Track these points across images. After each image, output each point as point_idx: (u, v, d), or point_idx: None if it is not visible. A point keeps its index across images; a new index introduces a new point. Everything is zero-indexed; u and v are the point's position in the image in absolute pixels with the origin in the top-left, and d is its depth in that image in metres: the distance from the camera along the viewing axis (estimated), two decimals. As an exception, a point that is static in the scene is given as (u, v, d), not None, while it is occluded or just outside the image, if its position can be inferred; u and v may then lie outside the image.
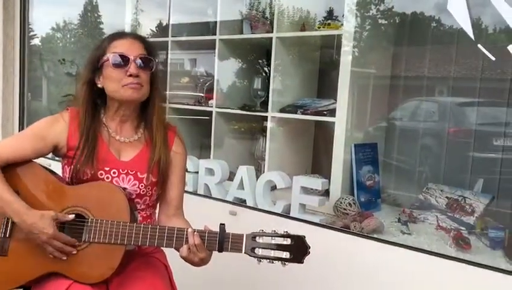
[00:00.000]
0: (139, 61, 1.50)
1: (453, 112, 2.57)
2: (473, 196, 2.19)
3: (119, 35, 1.57)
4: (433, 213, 2.18)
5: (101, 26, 3.97)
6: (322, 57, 2.75)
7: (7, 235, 1.44)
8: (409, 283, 1.80)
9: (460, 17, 2.18)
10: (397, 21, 2.49)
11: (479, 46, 2.22)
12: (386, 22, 2.49)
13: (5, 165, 1.46)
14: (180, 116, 3.08)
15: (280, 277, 1.97)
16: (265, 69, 2.87)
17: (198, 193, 2.52)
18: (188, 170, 2.58)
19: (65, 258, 1.40)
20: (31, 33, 4.16)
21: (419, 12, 2.46)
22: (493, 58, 2.25)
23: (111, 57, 1.49)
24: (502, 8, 1.99)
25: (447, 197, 2.25)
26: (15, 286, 1.43)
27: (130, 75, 1.47)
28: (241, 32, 2.72)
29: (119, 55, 1.49)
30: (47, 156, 1.57)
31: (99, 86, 1.54)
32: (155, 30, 3.24)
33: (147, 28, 3.19)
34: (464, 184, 2.27)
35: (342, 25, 2.28)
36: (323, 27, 2.38)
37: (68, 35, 4.32)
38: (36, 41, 4.22)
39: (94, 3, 3.82)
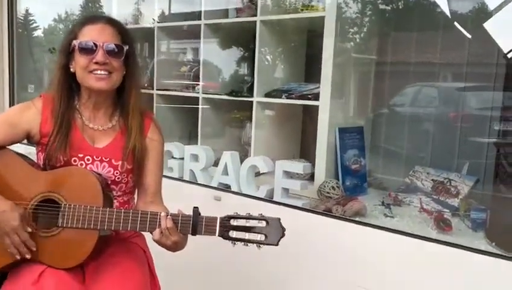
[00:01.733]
0: (109, 47, 1.46)
1: (443, 97, 2.55)
2: (458, 178, 2.18)
3: (91, 19, 1.53)
4: (418, 196, 2.17)
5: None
6: (309, 40, 2.73)
7: (-19, 222, 1.43)
8: (390, 265, 1.80)
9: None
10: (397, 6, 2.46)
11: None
12: (385, 7, 2.46)
13: (-23, 151, 1.45)
14: (172, 104, 3.08)
15: (261, 261, 1.98)
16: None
17: (184, 179, 2.51)
18: (174, 156, 2.58)
19: (18, 257, 1.39)
20: (34, 25, 4.18)
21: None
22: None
23: (78, 43, 1.47)
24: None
25: (432, 179, 2.25)
26: (-10, 271, 1.43)
27: (96, 63, 1.45)
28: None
29: (87, 42, 1.46)
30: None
31: (72, 70, 1.51)
32: (157, 20, 3.21)
33: (149, 18, 3.15)
34: (451, 168, 2.26)
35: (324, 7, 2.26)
36: (306, 9, 2.35)
37: (70, 26, 4.30)
38: (39, 33, 4.22)
39: None
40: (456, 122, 2.39)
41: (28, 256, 1.39)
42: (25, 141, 1.57)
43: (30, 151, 1.60)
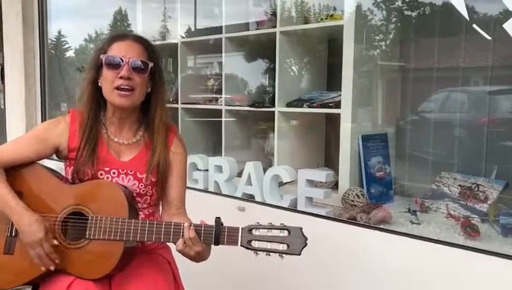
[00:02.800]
0: (134, 63, 1.50)
1: (470, 101, 2.51)
2: (486, 183, 2.13)
3: (120, 36, 1.58)
4: (444, 202, 2.14)
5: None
6: (330, 49, 2.73)
7: (13, 235, 1.49)
8: (415, 273, 1.77)
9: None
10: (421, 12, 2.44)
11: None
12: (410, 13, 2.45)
13: (8, 167, 1.51)
14: (197, 118, 3.13)
15: (285, 270, 1.98)
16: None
17: (208, 190, 2.54)
18: (198, 168, 2.62)
19: (43, 269, 1.43)
20: (66, 45, 4.33)
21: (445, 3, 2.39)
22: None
23: (105, 57, 1.52)
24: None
25: (459, 185, 2.20)
26: (22, 282, 1.48)
27: (121, 77, 1.49)
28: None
29: (113, 57, 1.51)
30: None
31: (100, 85, 1.55)
32: (181, 35, 3.29)
33: (175, 34, 3.24)
34: (479, 173, 2.21)
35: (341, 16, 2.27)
36: (325, 19, 2.36)
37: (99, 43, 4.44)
38: (71, 53, 4.38)
39: (123, 13, 3.90)
40: (484, 127, 2.34)
41: (51, 268, 1.43)
42: (55, 157, 1.63)
43: (61, 166, 1.65)
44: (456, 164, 2.36)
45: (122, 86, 1.50)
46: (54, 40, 4.29)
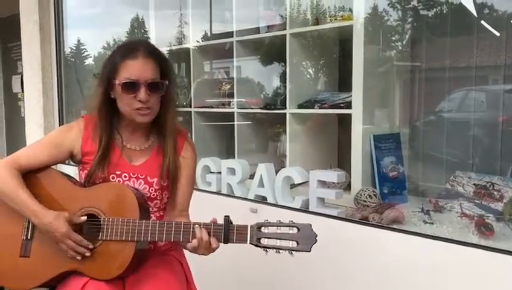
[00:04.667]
0: (150, 86, 1.50)
1: (484, 100, 2.48)
2: (501, 181, 2.10)
3: (132, 52, 1.53)
4: (459, 201, 2.11)
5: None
6: (341, 49, 2.73)
7: (29, 238, 1.53)
8: (429, 272, 1.75)
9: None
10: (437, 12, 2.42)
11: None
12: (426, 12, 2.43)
13: (25, 171, 1.55)
14: (211, 122, 3.16)
15: (297, 270, 1.98)
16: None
17: (221, 192, 2.56)
18: (211, 170, 2.64)
19: (79, 257, 1.47)
20: (85, 53, 4.41)
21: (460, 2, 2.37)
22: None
23: (121, 81, 1.50)
24: None
25: (474, 184, 2.18)
26: (37, 284, 1.52)
27: (140, 100, 1.51)
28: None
29: (129, 82, 1.50)
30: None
31: (112, 96, 1.57)
32: (200, 41, 3.32)
33: (192, 40, 3.28)
34: (494, 172, 2.18)
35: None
36: (335, 19, 2.37)
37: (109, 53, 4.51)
38: (90, 61, 4.45)
39: (140, 20, 3.95)
40: (498, 125, 2.31)
41: (87, 254, 1.46)
42: (71, 162, 1.66)
43: (77, 172, 1.69)
44: (470, 163, 2.34)
45: (141, 109, 1.52)
46: (74, 48, 4.38)
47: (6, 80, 6.73)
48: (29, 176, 1.56)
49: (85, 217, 1.49)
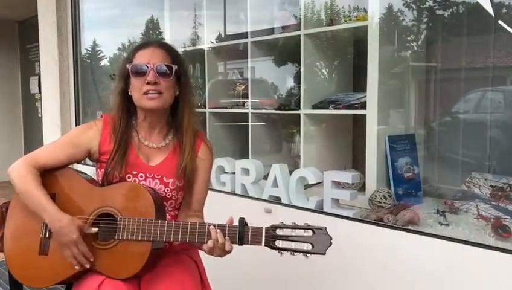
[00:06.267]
0: (159, 68, 1.54)
1: (501, 101, 2.45)
2: (518, 183, 2.08)
3: (143, 45, 1.63)
4: (475, 203, 2.09)
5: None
6: (355, 50, 2.72)
7: (47, 236, 1.56)
8: (444, 274, 1.74)
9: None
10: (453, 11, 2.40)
11: None
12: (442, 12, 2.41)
13: (43, 170, 1.57)
14: (225, 122, 3.18)
15: (312, 272, 1.98)
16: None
17: (235, 192, 2.57)
18: (225, 171, 2.65)
19: (77, 267, 1.48)
20: (101, 54, 4.46)
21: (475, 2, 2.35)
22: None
23: (131, 66, 1.57)
24: None
25: (491, 186, 2.15)
26: (56, 281, 1.54)
27: (148, 83, 1.54)
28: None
29: (138, 64, 1.56)
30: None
31: (129, 94, 1.61)
32: (215, 42, 3.35)
33: (207, 41, 3.31)
34: (511, 172, 2.15)
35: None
36: (349, 20, 2.36)
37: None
38: (105, 62, 4.51)
39: (155, 21, 4.00)
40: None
41: (87, 266, 1.48)
42: (89, 162, 1.69)
43: (94, 171, 1.71)
44: (487, 165, 2.31)
45: (150, 91, 1.54)
46: (90, 49, 4.43)
47: (24, 81, 6.85)
48: (47, 174, 1.58)
49: (96, 229, 1.51)
